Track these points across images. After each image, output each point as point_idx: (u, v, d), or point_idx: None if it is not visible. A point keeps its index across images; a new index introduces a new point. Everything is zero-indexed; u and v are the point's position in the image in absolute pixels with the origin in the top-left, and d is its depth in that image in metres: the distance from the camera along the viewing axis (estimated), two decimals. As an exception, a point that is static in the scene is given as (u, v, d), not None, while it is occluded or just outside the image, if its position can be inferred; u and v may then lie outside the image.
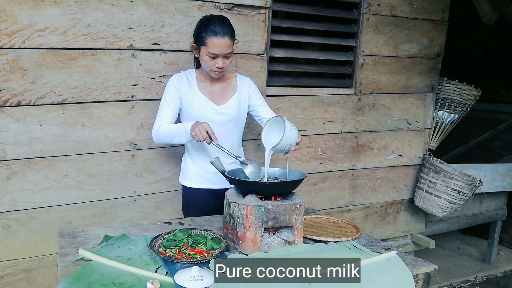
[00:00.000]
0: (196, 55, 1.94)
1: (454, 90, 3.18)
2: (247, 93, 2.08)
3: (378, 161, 3.05)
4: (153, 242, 1.55)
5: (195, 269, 1.34)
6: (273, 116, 1.84)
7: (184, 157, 2.13)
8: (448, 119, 3.25)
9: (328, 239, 1.74)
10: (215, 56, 1.84)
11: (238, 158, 1.86)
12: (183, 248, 1.54)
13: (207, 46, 1.83)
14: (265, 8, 2.41)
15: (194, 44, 1.91)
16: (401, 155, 3.14)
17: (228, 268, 1.41)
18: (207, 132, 1.74)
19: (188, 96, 1.96)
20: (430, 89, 3.15)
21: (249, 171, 1.83)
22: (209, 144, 1.77)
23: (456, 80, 3.19)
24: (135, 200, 2.28)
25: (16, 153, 1.99)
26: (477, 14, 3.52)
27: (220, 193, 1.97)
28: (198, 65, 2.02)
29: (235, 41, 1.92)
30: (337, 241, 1.73)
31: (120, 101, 2.15)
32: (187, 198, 2.13)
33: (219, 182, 2.02)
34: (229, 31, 1.84)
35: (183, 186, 2.13)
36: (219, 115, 1.98)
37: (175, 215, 2.39)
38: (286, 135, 1.68)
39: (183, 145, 2.13)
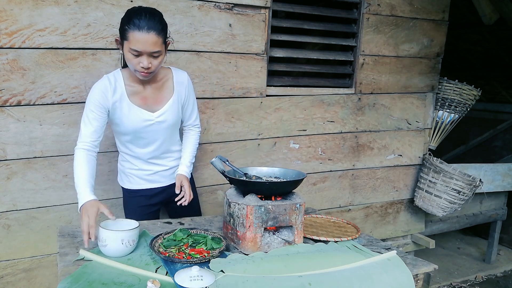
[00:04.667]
0: (120, 51, 1.70)
1: (454, 90, 3.18)
2: (184, 94, 1.87)
3: (378, 161, 3.05)
4: (153, 242, 1.55)
5: (195, 269, 1.34)
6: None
7: (120, 160, 2.00)
8: (448, 119, 3.25)
9: (328, 239, 1.74)
10: (138, 54, 1.60)
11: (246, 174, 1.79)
12: (183, 248, 1.54)
13: (129, 41, 1.59)
14: (265, 8, 2.41)
15: (118, 38, 1.67)
16: (401, 155, 3.14)
17: (228, 267, 1.41)
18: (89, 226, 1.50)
19: (117, 109, 1.73)
20: (430, 89, 3.15)
21: None
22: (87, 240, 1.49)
23: (456, 80, 3.19)
24: (135, 200, 2.28)
25: (16, 153, 1.99)
26: (477, 14, 3.52)
27: (160, 192, 1.98)
28: (125, 64, 1.77)
29: (168, 39, 1.69)
30: (337, 241, 1.73)
31: (120, 101, 2.15)
32: (128, 201, 2.01)
33: (157, 181, 1.97)
34: (157, 27, 1.59)
35: (124, 188, 2.00)
36: (155, 124, 1.80)
37: (175, 215, 2.39)
38: None
39: None
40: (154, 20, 1.59)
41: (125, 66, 1.80)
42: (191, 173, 2.08)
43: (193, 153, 2.02)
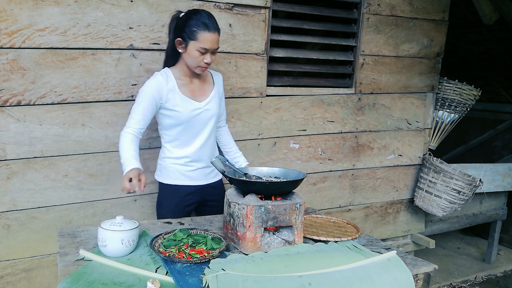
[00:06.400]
0: (181, 51, 1.88)
1: (454, 90, 3.19)
2: (221, 90, 2.10)
3: (378, 161, 3.05)
4: (153, 242, 1.55)
5: (119, 218, 1.53)
6: None
7: (163, 156, 2.07)
8: (448, 119, 3.25)
9: (328, 239, 1.74)
10: (205, 51, 1.82)
11: (246, 174, 1.83)
12: (183, 248, 1.54)
13: (198, 40, 1.80)
14: (265, 8, 2.41)
15: (179, 39, 1.84)
16: (401, 155, 3.14)
17: (228, 267, 1.41)
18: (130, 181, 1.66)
19: (171, 100, 1.90)
20: (430, 89, 3.15)
21: None
22: (133, 191, 1.67)
23: (456, 80, 3.19)
24: (135, 200, 2.28)
25: (16, 153, 1.99)
26: (477, 14, 3.52)
27: (198, 190, 2.05)
28: (172, 63, 1.97)
29: None
30: (337, 241, 1.73)
31: (120, 100, 2.15)
32: (163, 195, 2.09)
33: (196, 179, 2.05)
34: (218, 27, 1.84)
35: (160, 183, 2.09)
36: (203, 113, 1.97)
37: (175, 215, 2.39)
38: None
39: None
40: (216, 21, 1.84)
41: (165, 65, 1.99)
42: (221, 179, 2.20)
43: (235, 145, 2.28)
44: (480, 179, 2.97)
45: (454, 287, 3.52)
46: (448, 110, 3.23)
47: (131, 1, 2.07)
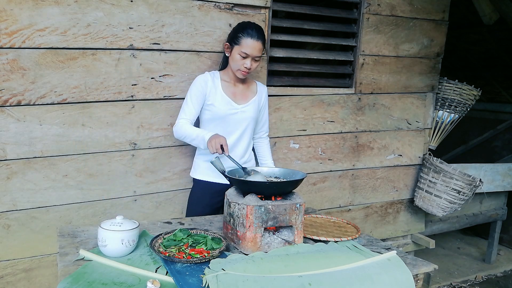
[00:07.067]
0: (227, 54, 2.08)
1: (454, 90, 3.19)
2: (263, 101, 2.25)
3: (378, 161, 3.05)
4: (153, 242, 1.55)
5: (119, 218, 1.54)
6: None
7: (197, 152, 2.24)
8: (448, 119, 3.25)
9: (328, 239, 1.74)
10: (246, 56, 2.00)
11: (244, 168, 1.89)
12: (183, 248, 1.54)
13: (241, 45, 2.00)
14: (265, 8, 2.41)
15: (227, 43, 2.07)
16: (401, 155, 3.14)
17: (228, 267, 1.41)
18: (221, 146, 1.87)
19: (212, 95, 2.09)
20: (430, 89, 3.15)
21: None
22: (220, 154, 1.88)
23: (456, 80, 3.19)
24: (135, 200, 2.28)
25: (16, 153, 1.99)
26: (477, 14, 3.52)
27: (226, 188, 2.07)
28: (223, 67, 2.18)
29: (263, 51, 2.06)
30: (337, 241, 1.73)
31: (120, 100, 2.15)
32: (196, 191, 2.22)
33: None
34: (263, 38, 2.03)
35: (194, 179, 2.23)
36: (239, 113, 2.12)
37: (175, 215, 2.39)
38: None
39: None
40: (261, 32, 2.03)
41: (222, 69, 2.19)
42: None
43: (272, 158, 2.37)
44: (480, 179, 2.97)
45: (454, 287, 3.53)
46: (448, 110, 3.23)
47: (131, 1, 2.07)
